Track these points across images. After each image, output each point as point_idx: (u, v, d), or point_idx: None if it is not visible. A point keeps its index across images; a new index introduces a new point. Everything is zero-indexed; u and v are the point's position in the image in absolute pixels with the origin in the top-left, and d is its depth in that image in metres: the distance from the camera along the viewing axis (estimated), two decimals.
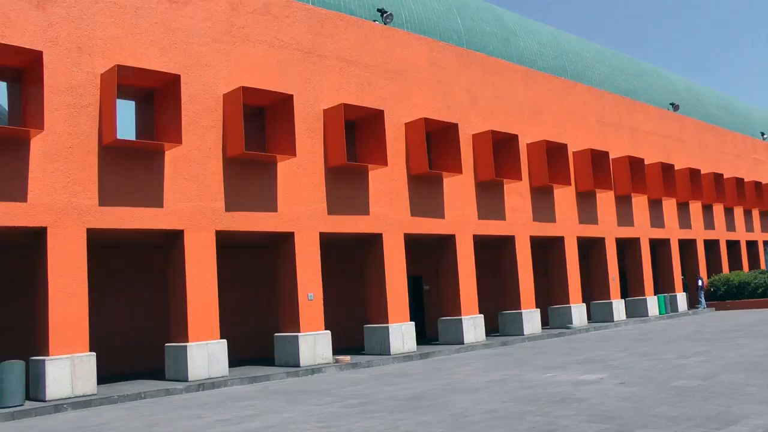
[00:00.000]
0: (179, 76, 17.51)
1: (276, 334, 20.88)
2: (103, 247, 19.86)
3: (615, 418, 10.04)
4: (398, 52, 23.95)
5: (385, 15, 24.74)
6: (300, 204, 20.46)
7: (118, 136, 16.58)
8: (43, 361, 15.60)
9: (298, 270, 20.26)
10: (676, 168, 37.51)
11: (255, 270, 24.39)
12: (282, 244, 20.69)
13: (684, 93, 48.34)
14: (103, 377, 18.61)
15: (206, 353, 18.08)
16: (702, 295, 38.57)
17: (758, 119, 60.24)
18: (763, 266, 46.56)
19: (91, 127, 16.61)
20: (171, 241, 18.55)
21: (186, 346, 17.79)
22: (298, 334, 20.04)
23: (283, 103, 19.76)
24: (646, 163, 34.89)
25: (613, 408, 10.88)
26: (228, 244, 21.37)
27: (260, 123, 20.25)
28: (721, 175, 41.87)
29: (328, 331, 20.80)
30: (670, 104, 42.55)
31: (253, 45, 19.95)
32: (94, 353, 16.32)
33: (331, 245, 23.69)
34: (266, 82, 19.95)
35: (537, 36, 34.87)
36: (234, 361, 21.09)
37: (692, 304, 39.34)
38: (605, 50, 42.02)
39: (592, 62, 38.52)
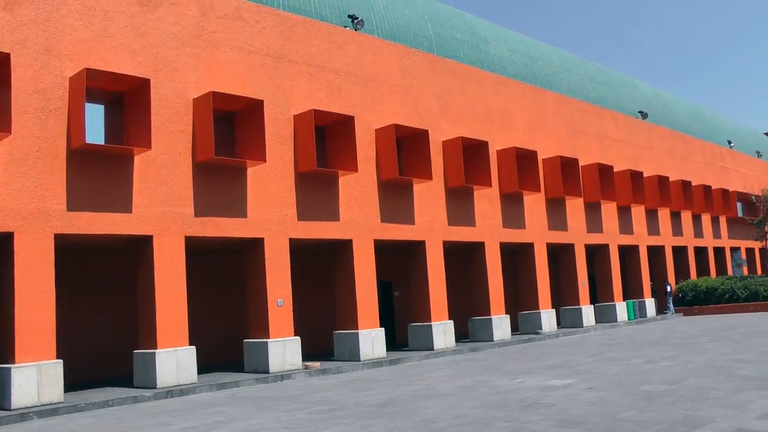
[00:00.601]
0: (149, 80, 17.55)
1: (245, 341, 20.95)
2: (71, 252, 19.76)
3: (583, 423, 10.20)
4: (369, 58, 24.13)
5: (355, 21, 24.91)
6: (270, 210, 20.53)
7: (87, 141, 16.52)
8: (9, 368, 15.50)
9: (267, 276, 20.35)
10: (644, 175, 38.10)
11: (224, 276, 24.39)
12: (251, 249, 20.75)
13: (652, 101, 49.07)
14: (70, 385, 18.41)
15: (175, 360, 18.07)
16: (670, 301, 39.14)
17: (725, 128, 61.29)
18: (730, 272, 47.39)
19: (59, 130, 16.57)
20: (140, 247, 18.54)
21: (154, 353, 17.78)
22: (268, 340, 20.11)
23: (253, 108, 19.87)
24: (615, 170, 35.40)
25: (581, 413, 11.05)
26: (197, 250, 21.34)
27: (230, 128, 20.33)
28: (689, 182, 42.63)
29: (298, 338, 20.87)
30: (639, 112, 43.19)
31: (223, 50, 20.02)
32: (61, 360, 16.23)
33: (301, 251, 23.73)
34: (236, 87, 20.02)
35: (507, 43, 35.25)
36: (203, 367, 21.04)
37: (661, 309, 39.90)
38: (574, 58, 42.58)
39: (562, 70, 39.00)
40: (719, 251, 47.74)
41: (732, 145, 56.02)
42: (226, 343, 23.43)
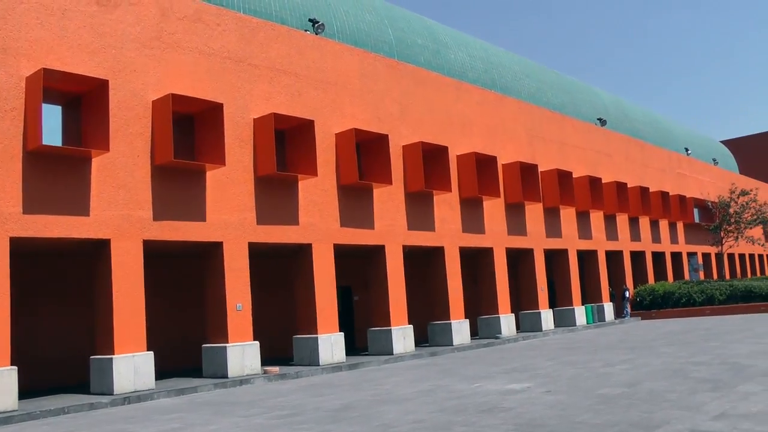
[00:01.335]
0: (107, 81, 17.54)
1: (204, 345, 20.96)
2: (27, 256, 19.60)
3: (541, 426, 10.41)
4: (329, 63, 24.30)
5: (316, 25, 25.09)
6: (229, 213, 20.59)
7: (44, 142, 16.46)
8: None
9: (226, 280, 20.42)
10: (603, 181, 38.87)
11: (183, 280, 24.33)
12: (210, 253, 20.80)
13: (611, 109, 49.97)
14: (25, 392, 18.25)
15: (132, 366, 17.99)
16: (627, 305, 39.82)
17: (682, 135, 62.63)
18: (687, 277, 48.47)
19: (15, 132, 16.48)
20: (97, 251, 18.49)
21: (111, 359, 17.70)
22: (227, 345, 20.17)
23: (213, 111, 19.94)
24: (573, 176, 36.06)
25: (539, 416, 11.25)
26: (156, 254, 21.28)
27: (189, 131, 20.38)
28: (647, 188, 43.57)
29: (257, 342, 20.97)
30: (598, 119, 43.98)
31: (183, 52, 20.06)
32: (16, 367, 16.06)
33: (261, 255, 23.80)
34: (196, 89, 20.08)
35: (467, 49, 35.66)
36: (161, 373, 20.95)
37: (619, 313, 40.57)
38: (534, 65, 43.21)
39: (522, 76, 39.56)
40: (676, 256, 48.78)
41: (689, 152, 57.27)
42: (184, 348, 23.41)
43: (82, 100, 18.08)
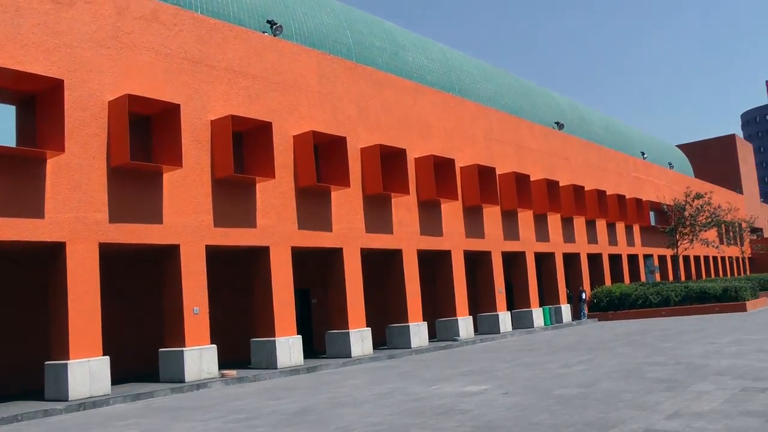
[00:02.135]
0: (62, 80, 17.53)
1: (161, 350, 20.93)
2: None
3: (497, 428, 10.56)
4: (287, 65, 24.44)
5: (274, 27, 25.22)
6: (186, 216, 20.62)
7: None
8: None
9: (183, 283, 20.44)
10: (560, 184, 39.57)
11: (140, 283, 24.25)
12: (167, 256, 20.83)
13: (569, 113, 50.74)
14: None
15: (88, 371, 17.89)
16: (584, 307, 40.47)
17: (638, 140, 63.83)
18: (643, 279, 49.49)
19: None
20: (52, 254, 18.41)
21: (66, 364, 17.56)
22: (184, 349, 20.19)
23: (170, 112, 19.99)
24: (531, 179, 36.63)
25: (496, 418, 11.43)
26: (112, 257, 21.24)
27: (146, 132, 20.40)
28: (604, 191, 44.41)
29: (214, 346, 21.02)
30: (555, 123, 44.67)
31: (139, 52, 20.07)
32: None
33: (218, 258, 23.82)
34: (153, 90, 20.10)
35: (426, 51, 36.01)
36: (118, 378, 20.88)
37: (576, 315, 41.23)
38: (492, 68, 43.75)
39: (480, 79, 40.03)
40: (633, 258, 49.78)
41: (645, 156, 58.42)
42: (141, 353, 23.32)
43: (37, 100, 18.01)
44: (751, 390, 12.57)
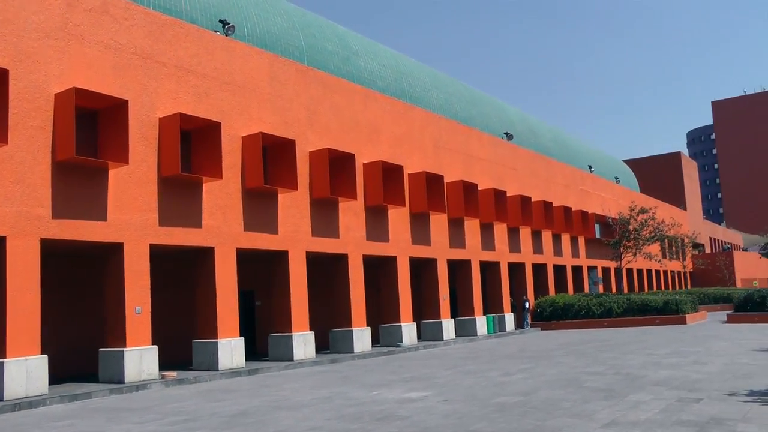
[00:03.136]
0: (7, 71, 17.36)
1: (101, 349, 20.78)
2: None
3: None
4: (238, 65, 24.53)
5: (227, 26, 25.29)
6: (131, 214, 20.58)
7: None
8: None
9: (126, 282, 20.36)
10: (507, 194, 40.24)
11: (82, 281, 24.04)
12: (111, 254, 20.76)
13: (518, 124, 51.53)
14: None
15: (25, 370, 17.63)
16: (527, 316, 41.11)
17: (586, 153, 65.06)
18: (587, 290, 50.49)
19: None
20: None
21: (2, 363, 17.32)
22: (124, 349, 20.09)
23: (118, 108, 19.95)
24: (479, 188, 37.26)
25: (435, 425, 11.66)
26: (53, 253, 21.05)
27: (93, 127, 20.33)
28: (551, 203, 45.31)
29: (155, 346, 20.98)
30: (505, 133, 45.38)
31: (88, 44, 19.99)
32: None
33: (162, 257, 23.74)
34: (101, 84, 20.04)
35: (378, 57, 36.33)
36: (56, 378, 20.63)
37: (519, 324, 41.87)
38: (443, 76, 44.26)
39: (431, 87, 40.49)
40: (577, 269, 50.79)
41: (592, 169, 59.58)
42: (82, 353, 23.06)
43: None
44: (686, 400, 13.11)
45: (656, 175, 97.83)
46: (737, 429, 10.30)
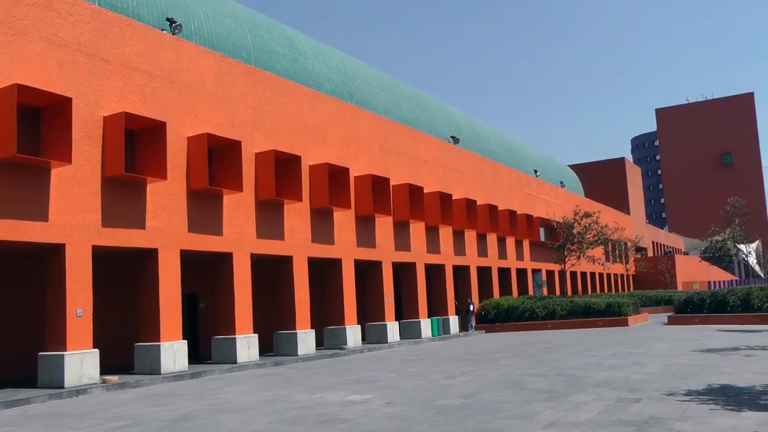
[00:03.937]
0: None
1: (40, 353, 20.45)
2: None
3: None
4: (185, 64, 24.49)
5: (174, 25, 25.24)
6: (73, 214, 20.40)
7: None
8: None
9: (67, 284, 20.14)
10: (453, 197, 40.82)
11: (20, 283, 23.65)
12: (51, 255, 20.53)
13: (464, 128, 52.16)
14: None
15: None
16: (472, 318, 41.61)
17: (531, 157, 66.13)
18: (531, 292, 51.29)
19: None
20: None
21: None
22: (64, 353, 19.81)
23: (61, 105, 19.77)
24: (425, 191, 37.69)
25: (377, 428, 11.80)
26: None
27: (35, 125, 20.09)
28: (496, 206, 46.04)
29: (96, 350, 20.76)
30: (451, 137, 45.92)
31: (32, 40, 19.75)
32: None
33: (104, 258, 23.54)
34: (44, 81, 19.83)
35: (326, 60, 36.52)
36: None
37: (464, 326, 42.35)
38: (391, 80, 44.64)
39: (378, 90, 40.79)
40: (521, 272, 51.62)
41: (538, 174, 60.60)
42: (19, 357, 22.64)
43: None
44: (626, 400, 13.58)
45: (601, 179, 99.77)
46: (674, 428, 10.70)
